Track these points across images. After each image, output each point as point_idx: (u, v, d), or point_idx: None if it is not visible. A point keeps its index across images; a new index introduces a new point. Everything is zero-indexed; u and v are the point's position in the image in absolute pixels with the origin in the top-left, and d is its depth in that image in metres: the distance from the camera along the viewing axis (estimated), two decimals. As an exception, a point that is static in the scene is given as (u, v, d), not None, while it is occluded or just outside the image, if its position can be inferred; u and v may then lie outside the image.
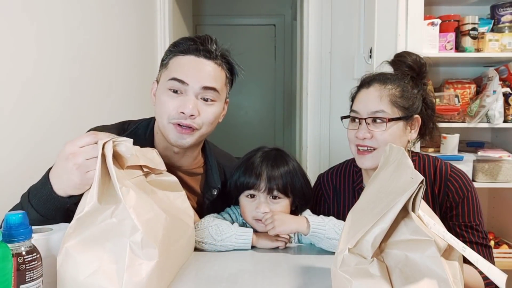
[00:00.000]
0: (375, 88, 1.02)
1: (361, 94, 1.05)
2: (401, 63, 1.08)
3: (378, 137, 0.99)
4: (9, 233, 0.57)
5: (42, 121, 1.05)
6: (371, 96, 1.01)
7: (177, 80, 0.89)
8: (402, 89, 1.01)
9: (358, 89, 1.07)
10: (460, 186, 1.01)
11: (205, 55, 0.93)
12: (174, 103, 0.90)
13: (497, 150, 1.83)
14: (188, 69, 0.90)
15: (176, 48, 0.94)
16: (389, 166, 0.70)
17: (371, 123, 1.01)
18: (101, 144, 0.66)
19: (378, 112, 0.99)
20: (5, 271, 0.53)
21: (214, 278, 0.77)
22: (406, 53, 1.10)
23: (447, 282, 0.52)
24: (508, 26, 1.85)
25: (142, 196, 0.71)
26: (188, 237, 0.84)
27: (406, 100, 1.01)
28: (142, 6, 1.98)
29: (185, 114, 0.89)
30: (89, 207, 0.63)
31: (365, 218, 0.61)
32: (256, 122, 4.03)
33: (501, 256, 1.76)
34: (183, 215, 0.84)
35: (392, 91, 1.00)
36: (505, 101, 1.78)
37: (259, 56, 4.01)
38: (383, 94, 1.00)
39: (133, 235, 0.63)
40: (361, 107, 1.02)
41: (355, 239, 0.58)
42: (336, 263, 0.58)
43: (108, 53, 1.50)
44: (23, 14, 0.98)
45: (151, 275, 0.64)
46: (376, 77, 1.05)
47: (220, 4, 3.91)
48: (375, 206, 0.61)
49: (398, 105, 1.00)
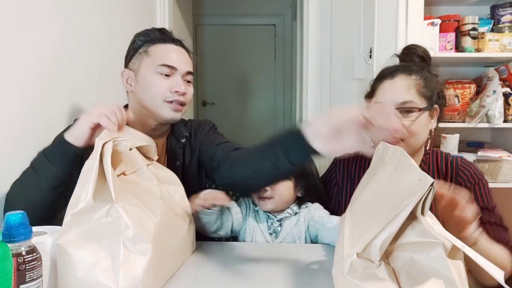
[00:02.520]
0: (400, 78, 1.01)
1: (385, 85, 1.03)
2: (412, 54, 1.08)
3: (406, 127, 0.97)
4: (9, 233, 0.57)
5: (42, 122, 1.05)
6: (398, 87, 1.00)
7: (167, 66, 1.01)
8: (425, 79, 1.01)
9: (380, 81, 1.05)
10: (471, 174, 1.03)
11: (178, 43, 1.08)
12: (166, 84, 1.01)
13: (497, 150, 1.83)
14: (175, 56, 1.04)
15: (149, 37, 1.05)
16: (386, 166, 0.69)
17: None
18: (100, 144, 0.67)
19: (407, 102, 0.98)
20: (5, 271, 0.53)
21: (214, 277, 0.77)
22: (415, 45, 1.10)
23: (454, 283, 0.52)
24: (508, 26, 1.85)
25: (137, 191, 0.73)
26: (185, 233, 0.85)
27: (429, 90, 1.01)
28: (142, 6, 1.98)
29: (179, 92, 1.02)
30: (83, 204, 0.64)
31: (369, 220, 0.60)
32: (256, 122, 4.03)
33: (501, 256, 1.76)
34: (181, 210, 0.85)
35: (418, 81, 1.00)
36: (505, 101, 1.78)
37: (259, 56, 4.01)
38: (410, 84, 1.00)
39: (125, 231, 0.64)
40: (388, 98, 1.00)
41: (362, 243, 0.57)
42: (343, 268, 0.58)
43: (108, 53, 1.50)
44: (25, 15, 0.98)
45: (147, 270, 0.65)
46: (399, 68, 1.04)
47: (220, 4, 3.91)
48: (379, 208, 0.60)
49: (423, 95, 1.00)
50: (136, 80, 1.04)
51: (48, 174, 0.82)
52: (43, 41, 1.07)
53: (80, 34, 1.27)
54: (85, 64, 1.31)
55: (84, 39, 1.30)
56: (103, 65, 1.44)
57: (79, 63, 1.26)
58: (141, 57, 1.04)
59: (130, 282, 0.63)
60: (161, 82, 1.01)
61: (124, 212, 0.64)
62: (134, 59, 1.05)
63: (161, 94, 1.01)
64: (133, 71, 1.05)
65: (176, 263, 0.81)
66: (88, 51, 1.33)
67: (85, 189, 0.64)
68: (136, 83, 1.04)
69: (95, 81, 1.38)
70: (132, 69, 1.05)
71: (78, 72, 1.26)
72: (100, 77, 1.42)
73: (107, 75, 1.47)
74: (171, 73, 1.02)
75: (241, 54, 3.98)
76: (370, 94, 1.09)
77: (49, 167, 0.82)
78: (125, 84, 1.07)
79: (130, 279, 0.63)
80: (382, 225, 0.56)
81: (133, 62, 1.05)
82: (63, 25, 1.17)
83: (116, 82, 1.61)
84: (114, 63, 1.57)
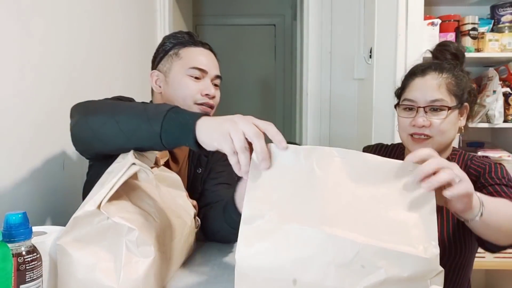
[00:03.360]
0: (431, 76, 1.02)
1: (417, 82, 1.04)
2: (445, 51, 1.09)
3: (436, 125, 0.99)
4: (9, 233, 0.57)
5: (40, 122, 1.05)
6: (429, 84, 1.01)
7: (198, 69, 1.02)
8: (456, 78, 1.02)
9: (411, 78, 1.06)
10: (481, 162, 1.03)
11: (207, 47, 1.09)
12: (197, 87, 1.02)
13: (497, 150, 1.83)
14: (206, 60, 1.05)
15: (179, 40, 1.06)
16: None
17: (428, 112, 1.00)
18: (128, 164, 0.68)
19: (438, 100, 0.99)
20: (5, 271, 0.53)
21: (214, 277, 0.77)
22: (449, 42, 1.12)
23: None
24: (508, 26, 1.85)
25: (140, 194, 0.73)
26: (186, 235, 0.85)
27: (460, 88, 1.02)
28: (142, 6, 1.98)
29: (210, 95, 1.03)
30: (87, 210, 0.64)
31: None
32: (256, 122, 4.03)
33: (501, 256, 1.76)
34: (183, 212, 0.85)
35: (449, 80, 1.01)
36: (505, 101, 1.78)
37: (259, 56, 4.01)
38: (441, 83, 1.01)
39: (128, 234, 0.64)
40: (419, 95, 1.01)
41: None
42: None
43: (108, 53, 1.50)
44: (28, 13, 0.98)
45: (148, 273, 0.65)
46: (431, 66, 1.05)
47: (220, 4, 3.91)
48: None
49: (454, 93, 1.01)
50: (166, 81, 1.05)
51: (149, 140, 0.71)
52: (43, 41, 1.07)
53: (77, 34, 1.27)
54: (84, 64, 1.31)
55: (81, 39, 1.30)
56: (102, 65, 1.44)
57: (77, 63, 1.26)
58: (172, 59, 1.05)
59: (130, 284, 0.63)
60: (191, 84, 1.02)
61: (124, 221, 0.64)
62: (164, 61, 1.06)
63: (192, 96, 1.02)
64: (162, 72, 1.06)
65: (176, 265, 0.81)
66: (87, 51, 1.33)
67: (94, 198, 0.64)
68: (166, 85, 1.05)
69: (91, 81, 1.38)
70: (162, 71, 1.06)
71: (75, 71, 1.26)
72: (99, 77, 1.42)
73: (107, 75, 1.47)
74: (201, 76, 1.03)
75: (241, 54, 3.98)
76: (400, 90, 1.10)
77: (155, 136, 0.69)
78: (154, 85, 1.08)
79: (130, 281, 0.63)
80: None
81: (163, 64, 1.06)
82: (63, 25, 1.17)
83: (116, 81, 1.62)
84: (114, 63, 1.57)
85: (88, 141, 0.80)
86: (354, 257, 0.56)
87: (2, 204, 0.87)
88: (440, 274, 0.56)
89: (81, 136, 0.82)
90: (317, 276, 0.57)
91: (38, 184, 1.02)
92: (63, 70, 1.17)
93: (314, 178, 0.62)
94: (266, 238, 0.59)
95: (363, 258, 0.56)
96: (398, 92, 1.11)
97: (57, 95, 1.13)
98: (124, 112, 0.75)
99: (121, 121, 0.73)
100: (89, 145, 0.82)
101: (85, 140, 0.81)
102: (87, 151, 0.88)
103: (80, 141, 0.84)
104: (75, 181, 1.13)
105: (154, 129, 0.69)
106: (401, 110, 1.06)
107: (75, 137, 0.83)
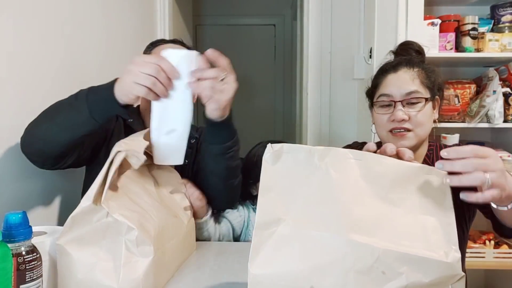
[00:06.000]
0: (403, 71, 1.04)
1: (390, 78, 1.05)
2: (409, 49, 1.11)
3: (414, 118, 1.00)
4: (9, 233, 0.57)
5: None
6: (402, 78, 1.03)
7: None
8: (427, 71, 1.04)
9: (383, 75, 1.07)
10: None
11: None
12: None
13: (497, 150, 1.83)
14: None
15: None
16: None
17: (406, 105, 1.02)
18: (114, 152, 0.68)
19: (413, 92, 1.01)
20: (5, 271, 0.53)
21: (214, 278, 0.77)
22: (409, 41, 1.15)
23: None
24: (508, 26, 1.85)
25: (138, 191, 0.73)
26: (184, 234, 0.85)
27: (431, 81, 1.04)
28: (142, 6, 1.98)
29: None
30: (83, 207, 0.64)
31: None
32: (255, 122, 4.02)
33: (501, 256, 1.76)
34: (180, 211, 0.85)
35: (420, 73, 1.03)
36: (505, 101, 1.78)
37: (259, 56, 4.01)
38: (414, 76, 1.03)
39: (128, 233, 0.64)
40: (394, 90, 1.03)
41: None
42: None
43: (108, 53, 1.50)
44: (26, 13, 0.98)
45: (147, 272, 0.65)
46: (401, 61, 1.07)
47: (220, 4, 3.91)
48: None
49: (426, 85, 1.03)
50: None
51: (86, 125, 0.81)
52: (43, 41, 1.07)
53: (77, 34, 1.27)
54: (84, 64, 1.31)
55: (81, 39, 1.30)
56: (102, 65, 1.44)
57: (77, 63, 1.26)
58: None
59: (130, 283, 0.63)
60: None
61: (124, 218, 0.64)
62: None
63: None
64: None
65: (176, 264, 0.81)
66: (87, 51, 1.33)
67: (87, 194, 0.64)
68: None
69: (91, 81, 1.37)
70: None
71: (75, 71, 1.26)
72: (99, 77, 1.42)
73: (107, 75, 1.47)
74: None
75: (241, 54, 3.98)
76: (372, 89, 1.10)
77: (89, 119, 0.80)
78: None
79: (130, 280, 0.63)
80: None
81: None
82: (62, 25, 1.17)
83: (116, 82, 1.62)
84: (114, 63, 1.57)
85: (41, 149, 0.84)
86: (374, 263, 0.54)
87: (2, 204, 0.87)
88: (462, 279, 0.55)
89: (33, 150, 0.86)
90: (336, 283, 0.54)
91: (38, 184, 1.02)
92: (63, 70, 1.17)
93: (329, 180, 0.59)
94: (282, 244, 0.57)
95: (384, 264, 0.54)
96: (370, 91, 1.12)
97: (57, 95, 1.13)
98: (55, 112, 0.84)
99: (56, 120, 0.82)
100: (43, 153, 0.85)
101: (38, 151, 0.85)
102: (47, 160, 0.88)
103: (35, 155, 0.87)
104: (75, 181, 1.13)
105: (84, 113, 0.79)
106: (377, 107, 1.07)
107: (30, 155, 0.87)
